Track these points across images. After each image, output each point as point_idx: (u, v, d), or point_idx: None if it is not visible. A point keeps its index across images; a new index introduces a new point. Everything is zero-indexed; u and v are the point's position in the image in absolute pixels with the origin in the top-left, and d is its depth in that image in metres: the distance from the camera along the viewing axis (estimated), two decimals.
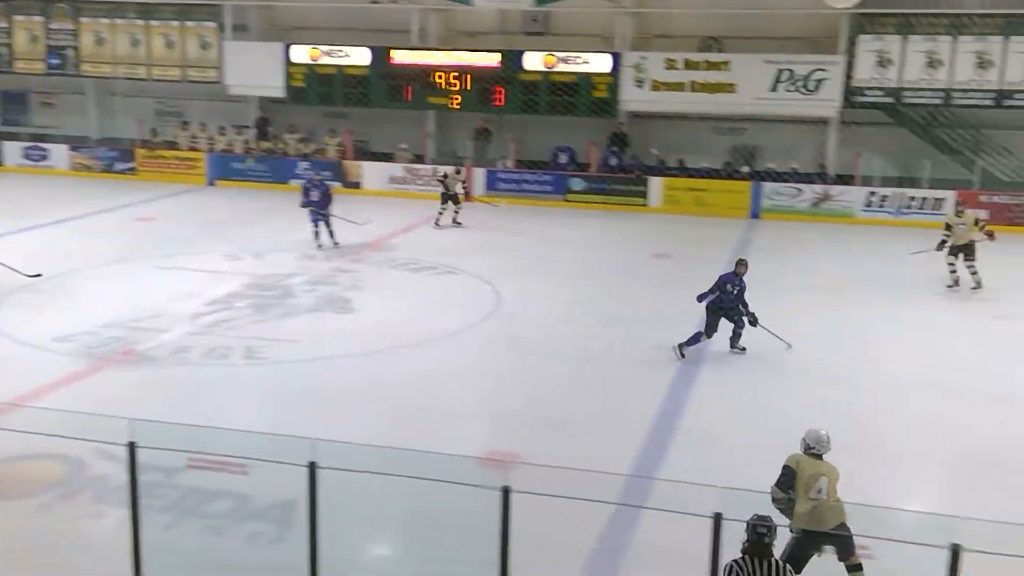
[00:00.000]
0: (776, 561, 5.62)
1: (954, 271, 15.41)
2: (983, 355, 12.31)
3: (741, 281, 11.66)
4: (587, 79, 22.35)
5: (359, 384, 10.97)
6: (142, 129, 25.48)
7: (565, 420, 10.07)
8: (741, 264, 11.80)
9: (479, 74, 22.80)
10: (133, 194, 22.69)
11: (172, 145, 25.17)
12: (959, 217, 15.57)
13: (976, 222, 15.52)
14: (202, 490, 8.06)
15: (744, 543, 5.63)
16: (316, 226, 17.40)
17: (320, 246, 17.29)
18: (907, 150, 21.43)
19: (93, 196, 22.25)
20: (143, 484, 6.41)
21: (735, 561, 5.57)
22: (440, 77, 22.96)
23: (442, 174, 19.94)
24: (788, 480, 6.65)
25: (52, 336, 12.01)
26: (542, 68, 22.51)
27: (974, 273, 15.32)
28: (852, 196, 21.12)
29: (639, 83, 22.25)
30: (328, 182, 18.20)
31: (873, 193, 20.99)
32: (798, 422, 9.87)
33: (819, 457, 6.74)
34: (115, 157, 25.18)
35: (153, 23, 25.03)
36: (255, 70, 24.04)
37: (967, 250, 15.27)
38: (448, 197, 19.58)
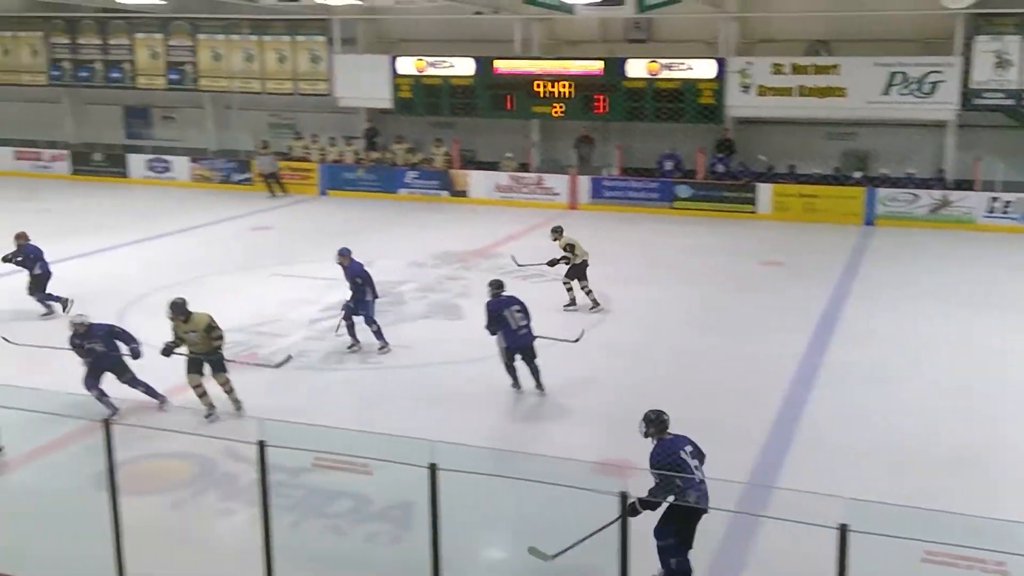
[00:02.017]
0: None
1: None
2: None
3: None
4: (692, 85, 22.14)
5: (474, 389, 11.12)
6: (257, 141, 26.33)
7: (678, 428, 9.98)
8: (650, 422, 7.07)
9: (582, 82, 22.82)
10: (250, 204, 23.49)
11: (284, 156, 25.94)
12: None
13: None
14: (324, 490, 8.29)
15: None
16: (347, 320, 12.54)
17: (352, 347, 12.57)
18: None
19: (212, 206, 23.13)
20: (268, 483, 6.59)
21: None
22: (542, 86, 23.10)
23: (563, 244, 14.79)
24: None
25: None
26: (645, 75, 22.39)
27: None
28: (972, 201, 20.36)
29: (745, 88, 21.94)
30: None
31: (995, 199, 20.22)
32: (916, 431, 9.67)
33: None
34: (232, 168, 26.11)
35: (266, 39, 25.87)
36: (363, 82, 24.59)
37: None
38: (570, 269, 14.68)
